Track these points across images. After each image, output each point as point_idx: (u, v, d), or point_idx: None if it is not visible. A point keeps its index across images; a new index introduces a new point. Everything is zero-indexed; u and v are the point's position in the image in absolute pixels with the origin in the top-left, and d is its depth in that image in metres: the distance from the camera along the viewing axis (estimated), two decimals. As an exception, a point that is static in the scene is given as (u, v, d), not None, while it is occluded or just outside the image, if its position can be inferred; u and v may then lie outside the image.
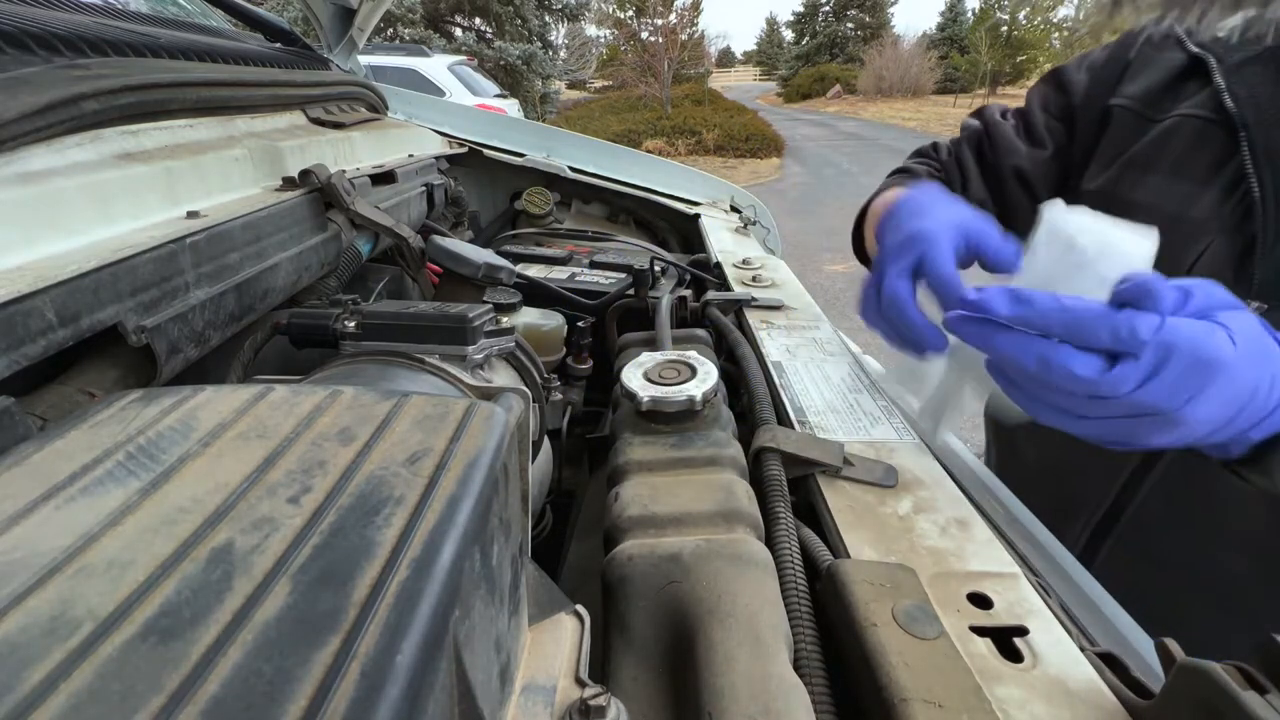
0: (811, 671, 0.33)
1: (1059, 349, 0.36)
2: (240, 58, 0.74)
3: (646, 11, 16.26)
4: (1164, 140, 0.60)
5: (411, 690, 0.17)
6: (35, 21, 0.50)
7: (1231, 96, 0.54)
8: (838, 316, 3.99)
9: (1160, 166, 0.59)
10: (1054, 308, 0.36)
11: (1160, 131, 0.60)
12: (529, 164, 1.27)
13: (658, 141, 11.17)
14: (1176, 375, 0.34)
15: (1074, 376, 0.35)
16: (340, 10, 1.16)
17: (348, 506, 0.22)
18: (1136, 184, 0.60)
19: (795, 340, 0.67)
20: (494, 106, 6.79)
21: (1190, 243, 0.56)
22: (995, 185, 0.75)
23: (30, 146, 0.41)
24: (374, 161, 0.85)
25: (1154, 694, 0.29)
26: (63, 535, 0.20)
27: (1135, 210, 0.60)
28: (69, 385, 0.39)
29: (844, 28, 23.02)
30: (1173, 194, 0.58)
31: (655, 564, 0.38)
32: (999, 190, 0.75)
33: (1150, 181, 0.60)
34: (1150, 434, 0.37)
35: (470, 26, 12.68)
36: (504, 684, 0.26)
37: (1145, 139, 0.61)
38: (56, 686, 0.15)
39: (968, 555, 0.39)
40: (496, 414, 0.28)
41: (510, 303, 0.72)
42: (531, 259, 0.99)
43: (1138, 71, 0.65)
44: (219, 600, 0.18)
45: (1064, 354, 0.36)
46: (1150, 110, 0.62)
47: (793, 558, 0.40)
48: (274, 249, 0.55)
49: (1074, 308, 0.36)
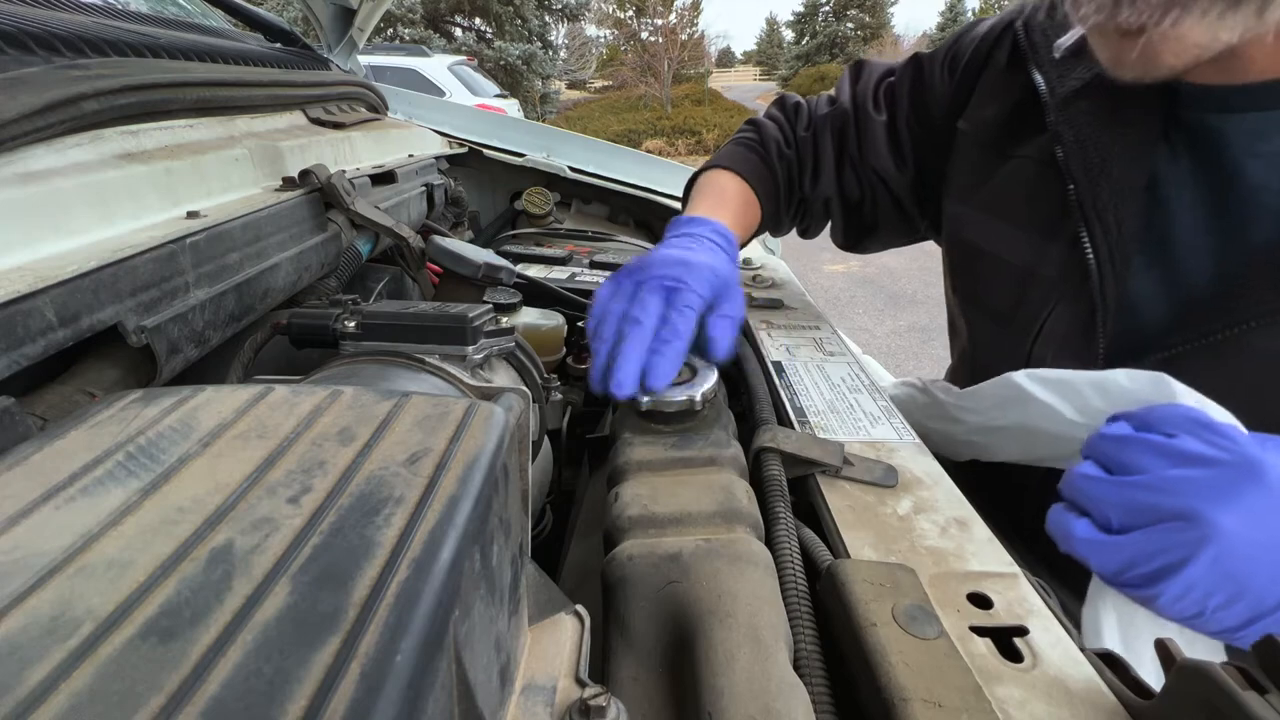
0: (811, 671, 0.33)
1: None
2: (240, 58, 0.74)
3: (646, 11, 16.26)
4: (1009, 184, 0.54)
5: (411, 690, 0.17)
6: (35, 21, 0.50)
7: (1059, 141, 0.48)
8: (838, 316, 4.00)
9: (1008, 214, 0.54)
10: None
11: (1004, 175, 0.54)
12: (529, 164, 1.27)
13: (658, 141, 11.18)
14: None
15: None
16: (340, 10, 1.16)
17: (348, 506, 0.22)
18: (990, 233, 0.56)
19: (795, 340, 0.67)
20: (494, 106, 6.79)
21: (1040, 303, 0.51)
22: (851, 180, 0.69)
23: (30, 146, 0.41)
24: (374, 161, 0.85)
25: (1154, 694, 0.29)
26: (63, 535, 0.20)
27: (991, 264, 0.55)
28: (69, 385, 0.39)
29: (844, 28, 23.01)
30: (1021, 246, 0.53)
31: (655, 564, 0.38)
32: (855, 184, 0.69)
33: (1000, 231, 0.55)
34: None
35: (470, 26, 12.68)
36: (504, 684, 0.26)
37: (993, 180, 0.56)
38: (56, 686, 0.15)
39: (968, 555, 0.39)
40: (496, 414, 0.28)
41: (510, 303, 0.72)
42: (531, 259, 0.99)
43: (988, 91, 0.58)
44: (219, 600, 0.18)
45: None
46: (995, 144, 0.56)
47: (793, 558, 0.40)
48: (274, 249, 0.55)
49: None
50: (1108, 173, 0.46)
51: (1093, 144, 0.47)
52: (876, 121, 0.67)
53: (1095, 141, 0.47)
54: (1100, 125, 0.47)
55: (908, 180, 0.67)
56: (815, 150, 0.71)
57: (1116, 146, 0.46)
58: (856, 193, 0.70)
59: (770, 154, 0.71)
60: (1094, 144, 0.47)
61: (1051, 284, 0.51)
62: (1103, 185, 0.46)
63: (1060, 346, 0.50)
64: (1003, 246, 0.54)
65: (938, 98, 0.63)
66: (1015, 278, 0.53)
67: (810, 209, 0.74)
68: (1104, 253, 0.46)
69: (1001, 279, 0.55)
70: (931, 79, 0.64)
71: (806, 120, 0.72)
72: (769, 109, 0.77)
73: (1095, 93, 0.47)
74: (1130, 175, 0.45)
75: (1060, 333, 0.50)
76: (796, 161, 0.72)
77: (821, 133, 0.70)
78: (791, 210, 0.74)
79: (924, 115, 0.65)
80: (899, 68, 0.68)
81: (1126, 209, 0.45)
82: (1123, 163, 0.46)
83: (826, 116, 0.71)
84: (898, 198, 0.69)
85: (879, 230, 0.74)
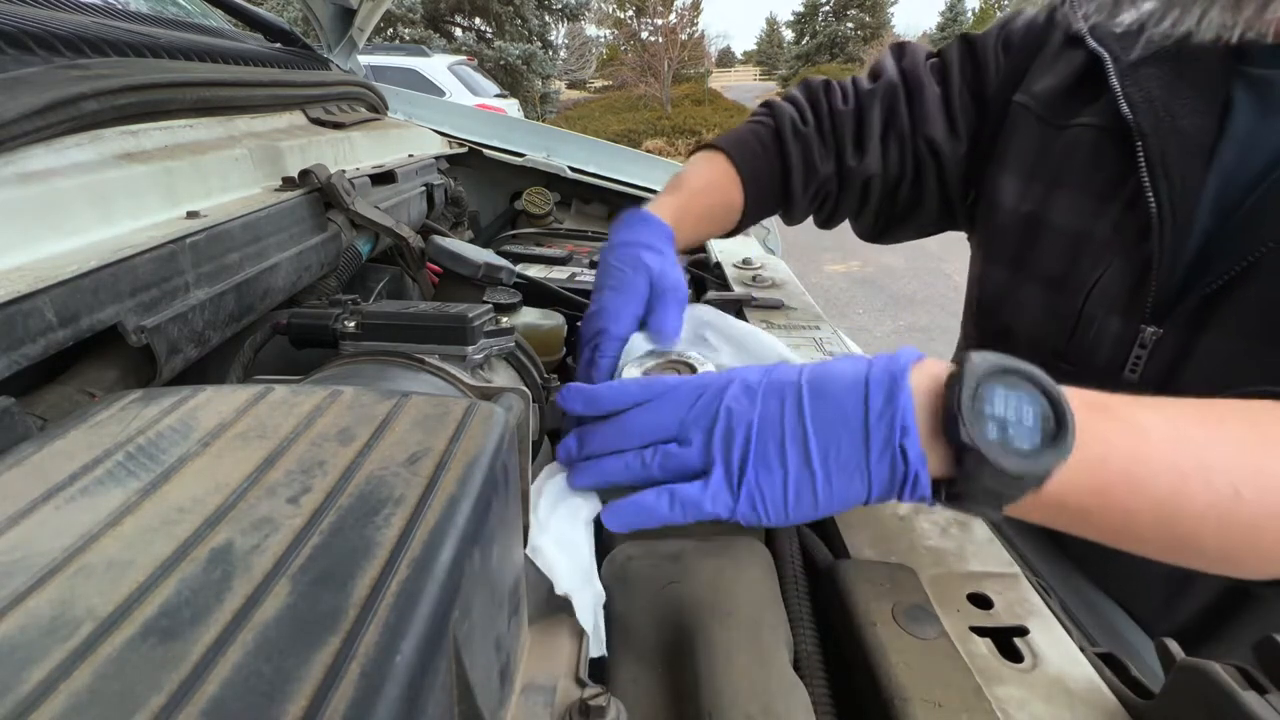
0: (811, 671, 0.33)
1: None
2: (240, 58, 0.74)
3: (646, 11, 16.26)
4: (1070, 152, 0.56)
5: (411, 690, 0.17)
6: (35, 21, 0.50)
7: (1127, 102, 0.50)
8: (838, 316, 4.00)
9: (1069, 181, 0.56)
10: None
11: (1065, 143, 0.56)
12: (529, 164, 1.27)
13: (658, 141, 11.18)
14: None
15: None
16: (340, 10, 1.16)
17: (347, 507, 0.22)
18: (1053, 203, 0.57)
19: (795, 340, 0.67)
20: (494, 106, 6.79)
21: (1092, 266, 0.53)
22: (895, 156, 0.68)
23: (30, 146, 0.41)
24: (374, 161, 0.85)
25: (1154, 694, 0.29)
26: (63, 535, 0.20)
27: (1047, 231, 0.57)
28: (69, 385, 0.39)
29: (844, 28, 23.01)
30: (1079, 211, 0.55)
31: (655, 564, 0.38)
32: (898, 160, 0.68)
33: (1060, 198, 0.56)
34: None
35: (470, 26, 12.68)
36: (504, 684, 0.26)
37: (1053, 150, 0.57)
38: (56, 686, 0.15)
39: (968, 555, 0.39)
40: (496, 414, 0.28)
41: (510, 303, 0.72)
42: (531, 259, 0.99)
43: (1045, 66, 0.60)
44: (219, 600, 0.18)
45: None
46: (1053, 116, 0.58)
47: (793, 558, 0.40)
48: (274, 249, 0.55)
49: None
50: (1178, 129, 0.48)
51: (1161, 103, 0.49)
52: (931, 91, 0.66)
53: (1164, 101, 0.49)
54: (1166, 87, 0.49)
55: (960, 153, 0.67)
56: (860, 123, 0.69)
57: (1183, 104, 0.48)
58: (898, 170, 0.69)
59: (785, 132, 0.68)
60: (1162, 103, 0.49)
61: (1105, 244, 0.53)
62: (1171, 141, 0.48)
63: (1110, 305, 0.53)
64: (1058, 212, 0.56)
65: (991, 73, 0.64)
66: (1070, 241, 0.55)
67: (846, 188, 0.71)
68: (1167, 209, 0.48)
69: (1056, 244, 0.57)
70: (985, 55, 0.65)
71: (844, 95, 0.70)
72: (791, 91, 0.75)
73: (1159, 61, 0.50)
74: (1197, 130, 0.47)
75: (1112, 292, 0.52)
76: (823, 138, 0.69)
77: (869, 105, 0.68)
78: (810, 191, 0.70)
79: (978, 89, 0.65)
80: (945, 48, 0.69)
81: (1193, 164, 0.47)
82: (1190, 118, 0.48)
83: (874, 91, 0.69)
84: (945, 174, 0.68)
85: (916, 213, 0.72)
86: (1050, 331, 0.56)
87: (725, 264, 0.93)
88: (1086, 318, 0.54)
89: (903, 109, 0.67)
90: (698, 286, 0.93)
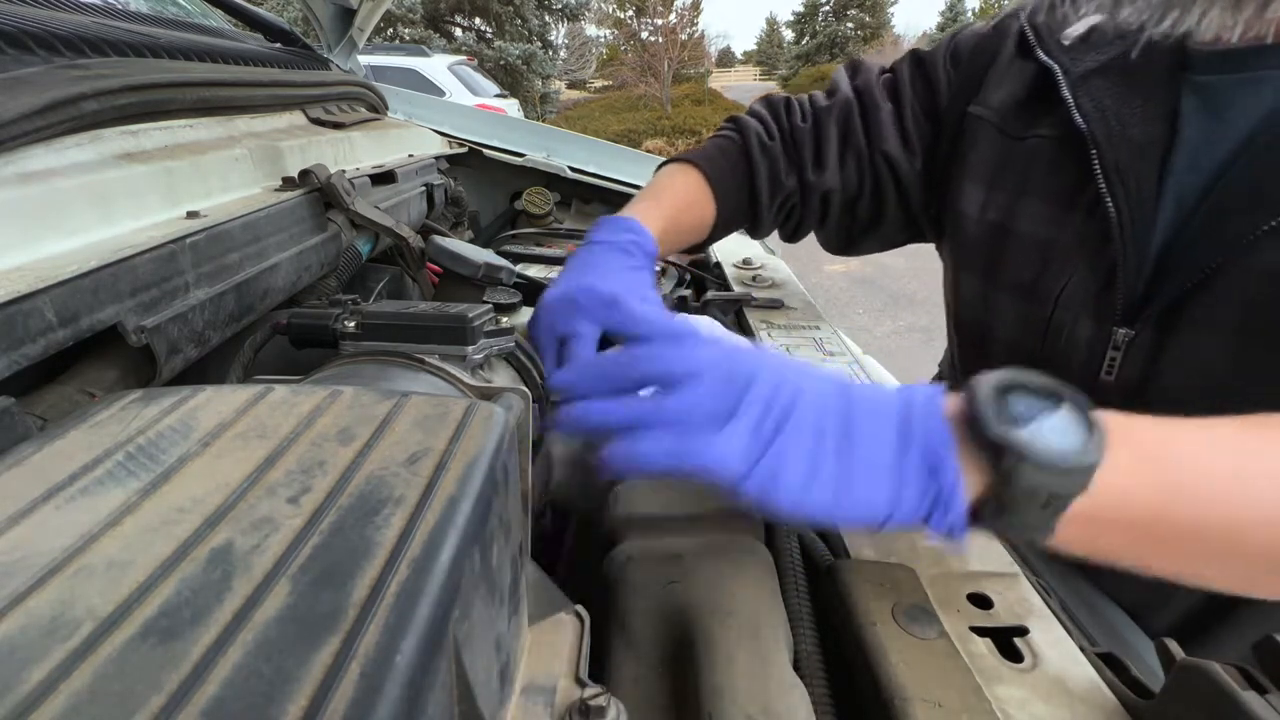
0: (811, 671, 0.33)
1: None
2: (240, 58, 0.74)
3: (646, 11, 16.26)
4: (1030, 163, 0.57)
5: (411, 690, 0.17)
6: (35, 21, 0.50)
7: (1080, 112, 0.51)
8: (838, 316, 3.99)
9: (1031, 190, 0.57)
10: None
11: (1025, 154, 0.57)
12: (529, 164, 1.27)
13: (658, 141, 11.17)
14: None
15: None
16: (340, 10, 1.16)
17: (347, 506, 0.22)
18: (1018, 212, 0.58)
19: (795, 340, 0.67)
20: (494, 106, 6.78)
21: (1060, 272, 0.54)
22: (853, 171, 0.69)
23: (30, 146, 0.41)
24: (374, 161, 0.85)
25: (1154, 694, 0.29)
26: (63, 535, 0.20)
27: (1014, 240, 0.58)
28: (69, 385, 0.39)
29: (844, 28, 23.01)
30: (1043, 219, 0.56)
31: (655, 564, 0.38)
32: (856, 176, 0.69)
33: (1025, 207, 0.57)
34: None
35: (470, 26, 12.68)
36: (504, 684, 0.26)
37: (1014, 161, 0.58)
38: (56, 686, 0.15)
39: (968, 555, 0.39)
40: (496, 414, 0.28)
41: (510, 303, 0.72)
42: (531, 259, 0.99)
43: (999, 77, 0.61)
44: (219, 600, 0.18)
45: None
46: (1011, 128, 0.59)
47: (793, 558, 0.40)
48: (274, 249, 0.55)
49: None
50: (1128, 136, 0.49)
51: (1113, 112, 0.50)
52: (883, 109, 0.68)
53: (1115, 110, 0.50)
54: (1117, 97, 0.50)
55: (917, 168, 0.68)
56: (818, 139, 0.70)
57: (1134, 113, 0.49)
58: (856, 185, 0.70)
59: (751, 148, 0.69)
60: (1114, 112, 0.50)
61: (1070, 250, 0.54)
62: (1123, 148, 0.49)
63: (1079, 309, 0.53)
64: (1025, 221, 0.57)
65: (943, 88, 0.65)
66: (1037, 249, 0.56)
67: (807, 203, 0.72)
68: (1126, 214, 0.49)
69: (1024, 252, 0.58)
70: (934, 71, 0.66)
71: (803, 112, 0.72)
72: (753, 105, 0.76)
73: (1108, 72, 0.51)
74: (1149, 137, 0.49)
75: (1079, 297, 0.53)
76: (786, 153, 0.70)
77: (825, 122, 0.70)
78: (775, 205, 0.72)
79: (930, 106, 0.66)
80: (896, 64, 0.70)
81: (1147, 170, 0.49)
82: (1141, 126, 0.49)
83: (829, 107, 0.70)
84: (905, 188, 0.69)
85: (876, 227, 0.73)
86: (1025, 336, 0.57)
87: (725, 264, 0.93)
88: (1057, 322, 0.55)
89: (858, 125, 0.69)
90: (697, 286, 0.93)
